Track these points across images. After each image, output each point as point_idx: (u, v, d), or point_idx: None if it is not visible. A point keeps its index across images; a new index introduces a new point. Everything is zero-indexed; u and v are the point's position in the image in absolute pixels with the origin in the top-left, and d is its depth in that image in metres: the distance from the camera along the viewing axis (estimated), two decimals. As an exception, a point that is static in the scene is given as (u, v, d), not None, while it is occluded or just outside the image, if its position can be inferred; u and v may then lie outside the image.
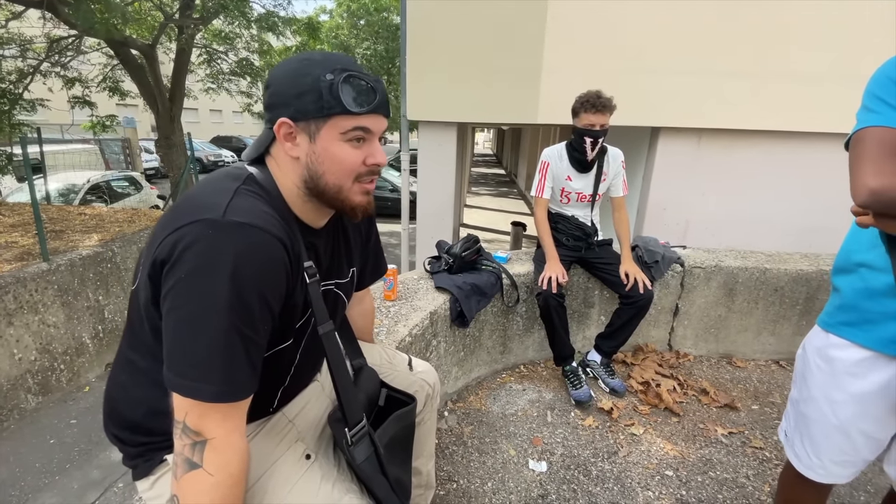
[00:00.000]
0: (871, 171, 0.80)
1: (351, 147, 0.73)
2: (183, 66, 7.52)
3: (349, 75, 0.69)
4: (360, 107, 0.71)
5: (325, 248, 0.85)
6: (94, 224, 4.67)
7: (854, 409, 0.95)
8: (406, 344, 1.58)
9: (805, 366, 1.06)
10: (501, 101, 3.29)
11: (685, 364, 2.46)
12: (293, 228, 0.75)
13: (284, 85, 0.71)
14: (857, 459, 1.00)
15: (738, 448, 1.85)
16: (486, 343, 2.23)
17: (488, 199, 12.14)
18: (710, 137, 3.09)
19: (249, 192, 0.70)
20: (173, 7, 7.33)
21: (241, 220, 0.64)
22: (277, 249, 0.68)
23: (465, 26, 3.15)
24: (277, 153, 0.76)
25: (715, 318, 2.48)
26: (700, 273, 2.41)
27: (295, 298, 0.75)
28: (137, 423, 0.77)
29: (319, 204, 0.78)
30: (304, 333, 0.84)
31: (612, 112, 1.99)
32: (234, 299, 0.62)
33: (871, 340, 0.91)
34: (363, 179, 0.76)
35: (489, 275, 2.15)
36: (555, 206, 2.26)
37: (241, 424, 0.68)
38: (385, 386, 1.04)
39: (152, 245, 0.66)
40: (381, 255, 1.11)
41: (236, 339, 0.63)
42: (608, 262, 2.17)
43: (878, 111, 0.85)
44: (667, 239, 2.73)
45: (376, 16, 13.30)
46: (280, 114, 0.71)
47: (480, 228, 8.61)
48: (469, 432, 1.90)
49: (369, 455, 0.84)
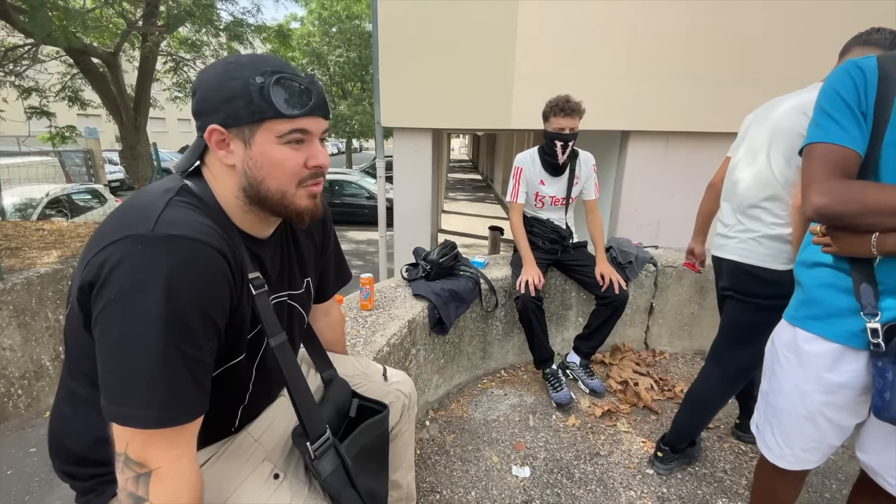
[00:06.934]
0: (817, 189, 0.87)
1: (290, 149, 0.69)
2: (147, 74, 7.29)
3: (280, 77, 0.66)
4: (295, 109, 0.67)
5: (272, 259, 0.82)
6: (53, 240, 4.45)
7: (822, 400, 0.98)
8: (384, 354, 1.55)
9: (774, 359, 1.09)
10: (475, 107, 3.31)
11: (661, 362, 2.50)
12: (234, 239, 0.71)
13: (212, 90, 0.67)
14: (823, 445, 1.03)
15: (715, 443, 1.89)
16: (466, 349, 2.22)
17: (465, 205, 12.19)
18: (676, 140, 3.19)
19: (183, 204, 0.66)
20: (136, 14, 7.11)
21: (174, 232, 0.61)
22: (216, 261, 0.64)
23: (438, 33, 3.17)
24: (212, 162, 0.72)
25: (688, 315, 2.53)
26: (672, 272, 2.46)
27: (242, 312, 0.72)
28: (85, 456, 0.72)
29: (262, 212, 0.74)
30: (259, 347, 0.80)
31: (581, 116, 2.03)
32: (170, 316, 0.58)
33: (836, 334, 0.94)
34: (307, 182, 0.73)
35: (467, 280, 2.14)
36: (530, 211, 2.28)
37: (190, 450, 0.64)
38: (357, 396, 1.02)
39: (79, 267, 0.62)
40: (343, 261, 1.07)
41: (176, 359, 0.60)
42: (584, 263, 2.20)
43: (825, 127, 0.89)
44: (640, 239, 2.79)
45: (348, 23, 13.25)
46: (210, 120, 0.67)
47: (458, 234, 8.63)
48: (451, 440, 1.88)
49: (336, 468, 0.81)
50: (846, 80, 0.89)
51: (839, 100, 0.89)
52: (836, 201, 0.85)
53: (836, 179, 0.86)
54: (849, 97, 0.88)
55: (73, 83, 7.48)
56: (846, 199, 0.84)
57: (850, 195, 0.84)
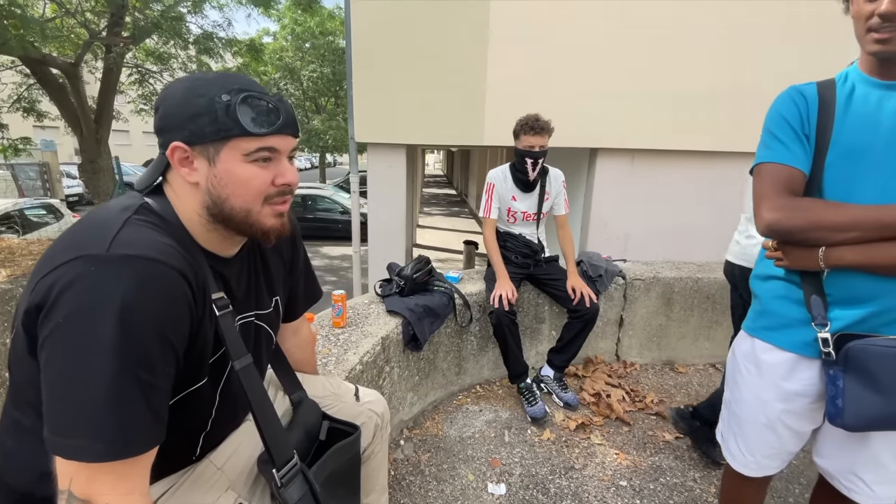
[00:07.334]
0: (767, 206, 0.92)
1: (257, 167, 0.68)
2: (111, 85, 7.07)
3: (247, 96, 0.65)
4: (262, 128, 0.66)
5: (238, 278, 0.80)
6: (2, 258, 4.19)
7: (780, 408, 1.02)
8: (357, 372, 1.52)
9: (735, 369, 1.13)
10: (449, 124, 3.35)
11: (632, 373, 2.56)
12: (197, 258, 0.69)
13: (176, 107, 0.66)
14: (783, 452, 1.07)
15: (685, 452, 1.93)
16: (440, 365, 2.20)
17: (441, 219, 12.24)
18: (641, 157, 3.32)
19: (142, 222, 0.64)
20: (100, 25, 6.92)
21: (130, 252, 0.58)
22: (176, 282, 0.62)
23: (411, 50, 3.21)
24: (174, 180, 0.70)
25: (656, 326, 2.61)
26: (640, 285, 2.53)
27: (203, 334, 0.69)
28: (30, 493, 0.67)
29: (227, 231, 0.72)
30: (223, 371, 0.77)
31: (550, 134, 2.09)
32: (123, 341, 0.55)
33: (790, 343, 0.98)
34: (274, 201, 0.72)
35: (441, 295, 2.14)
36: (502, 226, 2.31)
37: (142, 484, 0.60)
38: (327, 418, 0.99)
39: (27, 289, 0.59)
40: (313, 278, 1.05)
41: (129, 386, 0.56)
42: (555, 277, 2.24)
43: (772, 147, 0.96)
44: (609, 253, 2.86)
45: (322, 39, 13.28)
46: (173, 137, 0.65)
47: (433, 248, 8.64)
48: (426, 460, 1.85)
49: (303, 495, 0.78)
50: (790, 105, 0.96)
51: (784, 123, 0.95)
52: (784, 218, 0.90)
53: (785, 197, 0.92)
54: (793, 120, 0.94)
55: (30, 93, 7.17)
56: (794, 216, 0.89)
57: (798, 212, 0.89)
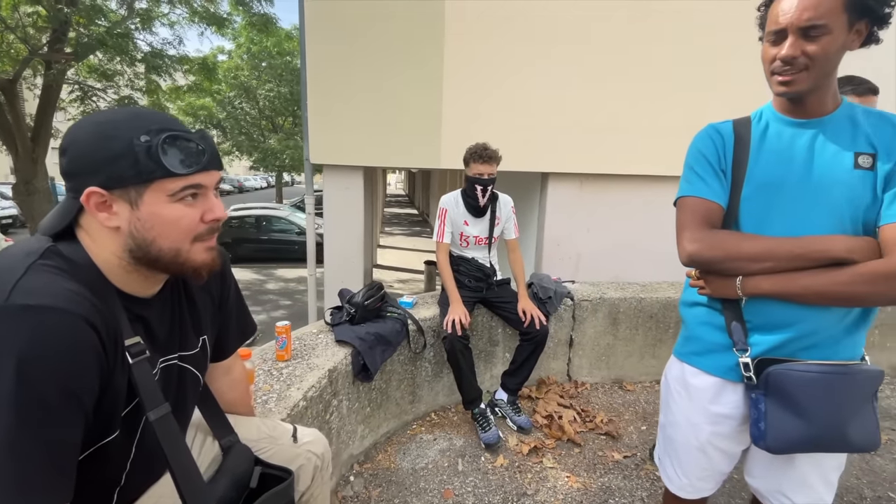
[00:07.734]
0: (688, 238, 0.98)
1: (184, 206, 0.67)
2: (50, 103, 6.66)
3: (170, 136, 0.64)
4: (189, 168, 0.65)
5: (160, 319, 0.76)
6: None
7: (710, 430, 1.06)
8: (300, 409, 1.46)
9: (668, 393, 1.17)
10: (406, 146, 3.38)
11: (584, 392, 2.61)
12: (111, 303, 0.66)
13: (88, 150, 0.63)
14: (715, 473, 1.11)
15: (633, 471, 1.97)
16: (393, 395, 2.16)
17: (402, 239, 12.21)
18: (589, 181, 3.46)
19: (47, 268, 0.61)
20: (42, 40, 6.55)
21: (31, 302, 0.56)
22: (81, 331, 0.59)
23: (367, 72, 3.23)
24: (89, 225, 0.67)
25: (604, 346, 2.68)
26: (588, 305, 2.61)
27: (115, 384, 0.66)
28: None
29: (150, 272, 0.70)
30: (138, 422, 0.73)
31: (499, 162, 2.15)
32: (22, 396, 0.53)
33: (715, 368, 1.03)
34: (204, 238, 0.71)
35: (394, 322, 2.11)
36: (456, 250, 2.34)
37: None
38: (260, 463, 0.94)
39: None
40: (245, 312, 1.02)
41: (30, 443, 0.54)
42: (507, 300, 2.27)
43: (692, 182, 1.03)
44: (561, 273, 2.94)
45: (279, 59, 13.17)
46: (87, 182, 0.63)
47: (394, 268, 8.58)
48: (377, 495, 1.79)
49: None
50: (708, 143, 1.03)
51: (703, 159, 1.02)
52: (704, 248, 0.96)
53: (704, 230, 0.98)
54: (710, 157, 1.01)
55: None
56: (712, 247, 0.95)
57: (715, 244, 0.95)
